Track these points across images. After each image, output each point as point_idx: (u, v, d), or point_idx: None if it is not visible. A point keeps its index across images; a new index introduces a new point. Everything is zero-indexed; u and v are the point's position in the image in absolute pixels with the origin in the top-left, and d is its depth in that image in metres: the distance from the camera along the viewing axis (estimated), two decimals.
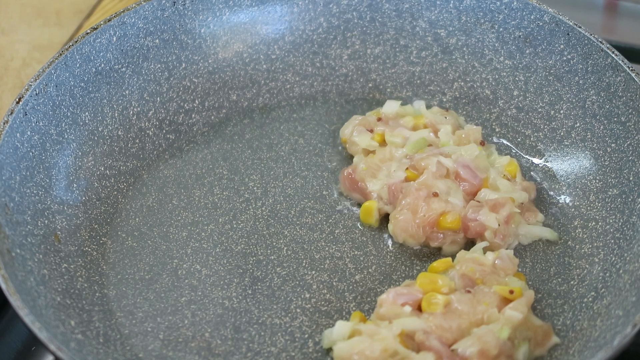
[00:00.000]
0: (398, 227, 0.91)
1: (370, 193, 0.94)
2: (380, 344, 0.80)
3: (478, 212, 0.90)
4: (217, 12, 1.04)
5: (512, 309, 0.83)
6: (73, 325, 0.82)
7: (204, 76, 1.04)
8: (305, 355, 0.84)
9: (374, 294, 0.89)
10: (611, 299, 0.85)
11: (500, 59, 1.03)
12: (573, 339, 0.84)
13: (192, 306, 0.88)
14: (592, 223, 0.93)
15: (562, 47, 0.99)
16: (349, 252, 0.92)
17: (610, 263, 0.89)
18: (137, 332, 0.86)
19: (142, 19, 1.00)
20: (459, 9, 1.04)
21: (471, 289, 0.84)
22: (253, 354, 0.84)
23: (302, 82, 1.06)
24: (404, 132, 0.97)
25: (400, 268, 0.91)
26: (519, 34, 1.02)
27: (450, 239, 0.91)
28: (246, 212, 0.96)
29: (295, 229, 0.94)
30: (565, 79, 0.99)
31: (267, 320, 0.87)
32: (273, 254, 0.92)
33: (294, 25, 1.06)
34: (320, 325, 0.86)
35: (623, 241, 0.89)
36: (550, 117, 1.00)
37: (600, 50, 0.96)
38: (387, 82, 1.06)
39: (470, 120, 1.03)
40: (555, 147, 0.99)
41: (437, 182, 0.91)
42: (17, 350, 0.90)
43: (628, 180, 0.92)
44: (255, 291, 0.89)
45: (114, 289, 0.89)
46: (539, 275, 0.91)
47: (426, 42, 1.06)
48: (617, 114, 0.95)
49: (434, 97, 1.05)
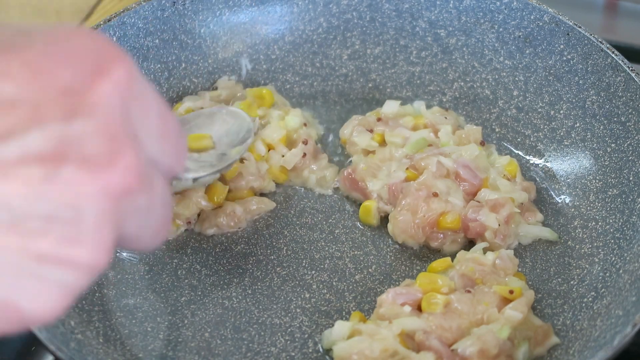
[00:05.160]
0: (398, 227, 0.91)
1: (370, 193, 0.94)
2: (380, 344, 0.80)
3: (478, 212, 0.90)
4: (217, 12, 1.04)
5: (512, 309, 0.83)
6: (73, 325, 0.82)
7: (204, 76, 1.04)
8: (305, 355, 0.84)
9: (374, 294, 0.89)
10: (611, 298, 0.85)
11: (500, 59, 1.03)
12: (573, 339, 0.84)
13: (192, 306, 0.88)
14: (592, 223, 0.93)
15: (562, 47, 0.99)
16: (349, 252, 0.92)
17: (610, 263, 0.89)
18: (137, 332, 0.86)
19: (142, 19, 1.00)
20: (459, 9, 1.04)
21: (471, 289, 0.84)
22: (253, 354, 0.84)
23: (302, 82, 1.06)
24: (404, 132, 0.97)
25: (400, 268, 0.91)
26: (519, 34, 1.02)
27: (450, 239, 0.91)
28: None
29: (295, 229, 0.94)
30: (565, 79, 0.99)
31: (267, 320, 0.87)
32: (273, 254, 0.92)
33: (294, 25, 1.06)
34: (320, 325, 0.87)
35: (623, 241, 0.89)
36: (550, 117, 1.00)
37: (600, 50, 0.96)
38: (387, 82, 1.06)
39: (470, 120, 1.03)
40: (555, 147, 0.99)
41: (437, 182, 0.91)
42: (17, 350, 0.90)
43: (628, 180, 0.92)
44: (255, 291, 0.89)
45: (114, 289, 0.89)
46: (539, 275, 0.91)
47: (426, 42, 1.06)
48: (617, 114, 0.95)
49: (434, 97, 1.05)
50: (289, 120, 0.98)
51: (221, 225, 0.93)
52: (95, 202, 0.49)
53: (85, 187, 0.48)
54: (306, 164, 0.97)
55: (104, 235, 0.50)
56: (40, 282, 0.48)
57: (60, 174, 0.46)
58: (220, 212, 0.93)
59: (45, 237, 0.47)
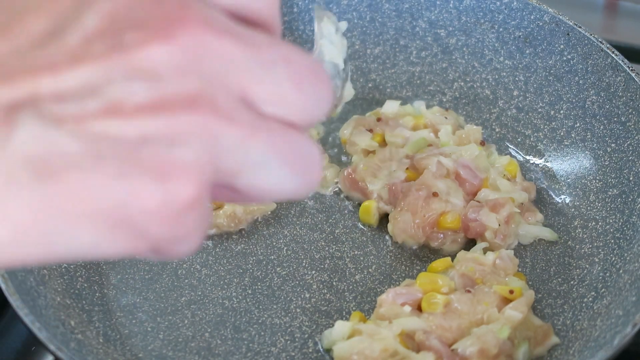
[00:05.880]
0: (398, 227, 0.91)
1: (370, 193, 0.94)
2: (380, 343, 0.80)
3: (478, 212, 0.90)
4: None
5: (512, 308, 0.83)
6: (73, 325, 0.82)
7: None
8: (305, 355, 0.84)
9: (374, 294, 0.89)
10: (611, 298, 0.85)
11: (500, 59, 1.03)
12: (573, 338, 0.84)
13: (192, 306, 0.88)
14: (592, 223, 0.93)
15: (562, 47, 0.99)
16: (349, 252, 0.92)
17: (610, 263, 0.89)
18: (137, 332, 0.86)
19: None
20: (459, 9, 1.04)
21: (471, 289, 0.84)
22: (253, 354, 0.84)
23: None
24: (404, 132, 0.97)
25: (400, 268, 0.91)
26: (519, 34, 1.02)
27: (450, 239, 0.91)
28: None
29: (295, 229, 0.94)
30: (565, 79, 0.99)
31: (267, 320, 0.87)
32: (273, 254, 0.92)
33: (294, 25, 1.06)
34: (320, 325, 0.86)
35: (623, 241, 0.89)
36: (550, 117, 1.00)
37: (600, 50, 0.96)
38: (387, 82, 1.06)
39: (470, 120, 1.03)
40: (555, 147, 0.99)
41: (437, 182, 0.91)
42: (17, 350, 0.90)
43: (628, 180, 0.92)
44: (255, 291, 0.89)
45: (114, 289, 0.89)
46: (539, 275, 0.91)
47: (426, 42, 1.06)
48: (617, 114, 0.95)
49: (434, 97, 1.05)
50: None
51: (221, 226, 0.93)
52: (172, 62, 0.40)
53: (154, 47, 0.40)
54: None
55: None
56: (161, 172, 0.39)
57: (126, 40, 0.40)
58: (221, 212, 0.93)
59: (147, 109, 0.40)
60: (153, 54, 0.40)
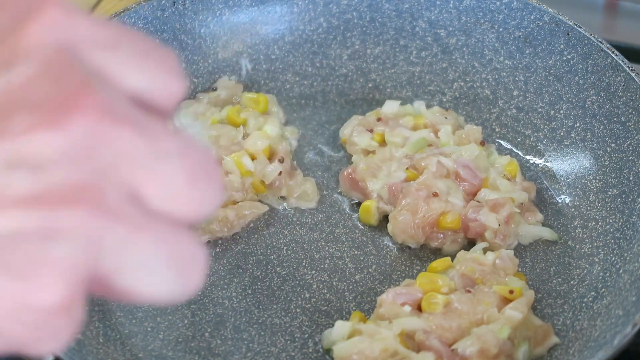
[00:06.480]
0: (398, 227, 0.91)
1: (370, 193, 0.94)
2: (380, 343, 0.80)
3: (478, 212, 0.90)
4: (217, 12, 1.04)
5: (512, 308, 0.83)
6: None
7: (204, 76, 1.04)
8: (305, 355, 0.84)
9: (374, 293, 0.89)
10: (611, 298, 0.85)
11: (500, 59, 1.03)
12: (573, 338, 0.84)
13: (192, 306, 0.88)
14: (592, 223, 0.93)
15: (562, 47, 0.99)
16: (349, 252, 0.92)
17: (610, 263, 0.89)
18: (137, 332, 0.86)
19: (142, 19, 1.00)
20: (459, 9, 1.04)
21: (471, 289, 0.84)
22: (253, 354, 0.84)
23: (302, 82, 1.06)
24: (404, 132, 0.97)
25: (400, 268, 0.91)
26: (518, 34, 1.02)
27: (450, 239, 0.91)
28: None
29: (295, 228, 0.94)
30: (565, 79, 0.99)
31: (267, 320, 0.87)
32: (273, 254, 0.92)
33: (294, 25, 1.06)
34: (320, 325, 0.86)
35: (623, 241, 0.89)
36: (550, 117, 1.00)
37: (600, 50, 0.96)
38: (387, 82, 1.06)
39: (470, 120, 1.03)
40: (555, 147, 0.99)
41: (437, 182, 0.91)
42: None
43: (628, 180, 0.92)
44: (255, 291, 0.89)
45: None
46: (539, 275, 0.91)
47: (426, 42, 1.06)
48: (617, 114, 0.95)
49: (434, 97, 1.05)
50: (268, 130, 0.97)
51: (214, 232, 0.92)
52: (60, 150, 0.38)
53: (43, 133, 0.38)
54: (282, 183, 0.96)
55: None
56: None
57: (14, 124, 0.38)
58: (213, 218, 0.92)
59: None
60: (39, 141, 0.38)
